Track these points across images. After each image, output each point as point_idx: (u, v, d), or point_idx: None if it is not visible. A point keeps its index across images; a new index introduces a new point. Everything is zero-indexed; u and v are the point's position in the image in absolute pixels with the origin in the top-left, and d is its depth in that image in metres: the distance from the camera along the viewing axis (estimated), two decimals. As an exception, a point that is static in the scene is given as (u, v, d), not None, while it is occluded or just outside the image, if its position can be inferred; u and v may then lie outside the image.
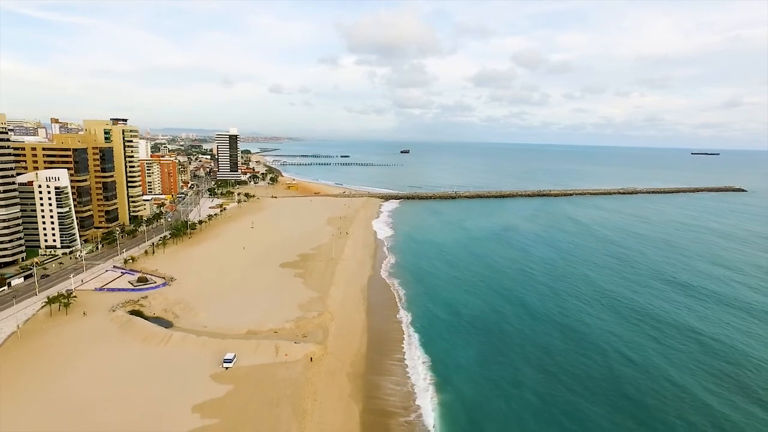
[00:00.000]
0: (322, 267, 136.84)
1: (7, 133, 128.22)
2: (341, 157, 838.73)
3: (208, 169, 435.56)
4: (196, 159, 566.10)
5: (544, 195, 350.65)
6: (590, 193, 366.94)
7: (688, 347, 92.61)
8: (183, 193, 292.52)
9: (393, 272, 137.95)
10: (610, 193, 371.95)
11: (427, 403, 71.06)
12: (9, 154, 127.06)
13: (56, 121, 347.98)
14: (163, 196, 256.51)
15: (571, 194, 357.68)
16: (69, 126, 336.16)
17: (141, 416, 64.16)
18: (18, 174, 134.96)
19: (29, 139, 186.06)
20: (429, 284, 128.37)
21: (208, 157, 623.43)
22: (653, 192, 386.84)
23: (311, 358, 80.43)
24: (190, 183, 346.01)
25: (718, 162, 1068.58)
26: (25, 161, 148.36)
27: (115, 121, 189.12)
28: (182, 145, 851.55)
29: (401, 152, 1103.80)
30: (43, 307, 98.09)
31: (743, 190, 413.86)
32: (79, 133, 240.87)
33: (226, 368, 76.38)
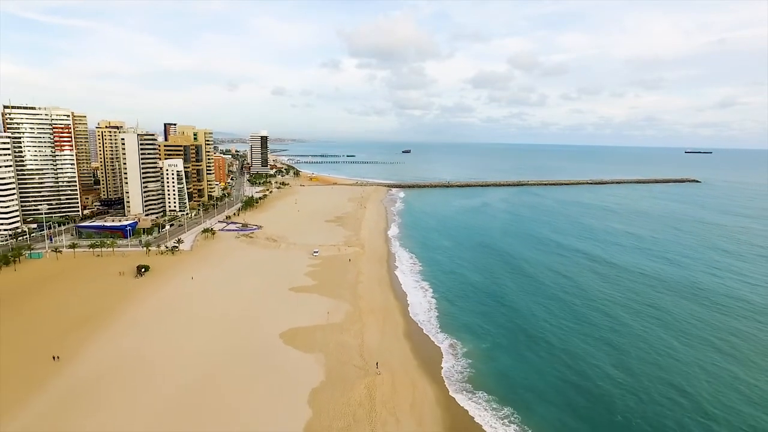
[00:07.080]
0: (352, 221, 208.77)
1: (154, 134, 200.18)
2: (347, 156, 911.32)
3: (240, 165, 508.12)
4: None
5: (522, 185, 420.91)
6: (564, 184, 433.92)
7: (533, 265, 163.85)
8: (230, 183, 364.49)
9: (399, 225, 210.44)
10: (579, 184, 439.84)
11: (407, 266, 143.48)
12: (155, 149, 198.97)
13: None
14: (218, 184, 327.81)
15: (545, 184, 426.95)
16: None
17: (281, 272, 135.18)
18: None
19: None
20: (420, 232, 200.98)
21: (229, 156, 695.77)
22: (616, 182, 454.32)
23: (357, 253, 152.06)
24: (231, 175, 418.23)
25: (706, 159, 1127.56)
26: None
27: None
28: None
29: (403, 152, 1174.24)
30: (199, 234, 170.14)
31: (697, 181, 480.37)
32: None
33: (315, 255, 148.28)
